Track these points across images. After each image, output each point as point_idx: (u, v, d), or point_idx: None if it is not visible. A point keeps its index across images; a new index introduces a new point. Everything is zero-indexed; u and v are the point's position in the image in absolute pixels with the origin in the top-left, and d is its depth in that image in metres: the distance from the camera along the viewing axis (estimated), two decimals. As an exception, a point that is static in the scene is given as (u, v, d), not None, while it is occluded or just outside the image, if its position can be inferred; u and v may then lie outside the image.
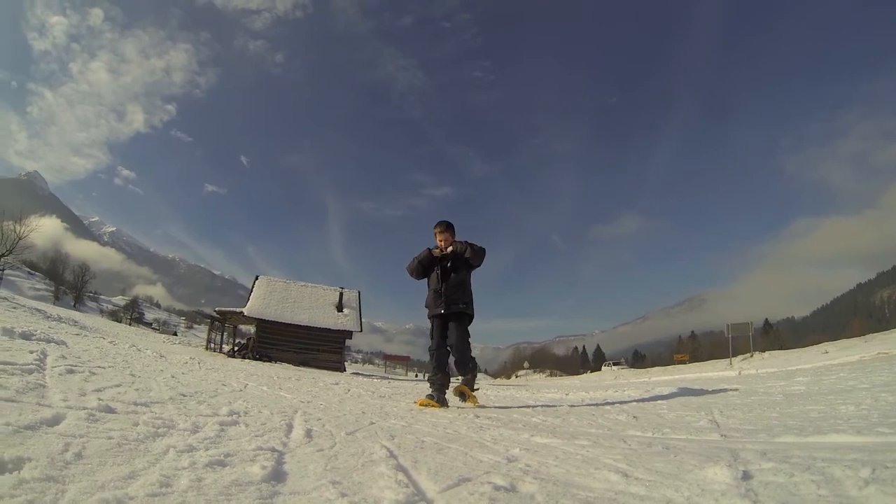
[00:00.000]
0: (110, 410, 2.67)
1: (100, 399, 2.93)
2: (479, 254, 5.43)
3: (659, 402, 6.59)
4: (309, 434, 2.63)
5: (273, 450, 2.10)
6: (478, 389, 5.97)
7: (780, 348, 27.84)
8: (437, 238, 5.65)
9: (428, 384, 5.54)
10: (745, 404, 5.61)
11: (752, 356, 22.07)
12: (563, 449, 2.69)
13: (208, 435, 2.30)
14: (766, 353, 24.00)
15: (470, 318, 5.57)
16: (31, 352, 4.78)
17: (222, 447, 2.09)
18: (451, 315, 5.46)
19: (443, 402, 5.29)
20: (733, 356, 21.26)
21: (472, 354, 5.55)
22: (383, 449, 2.34)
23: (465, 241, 5.49)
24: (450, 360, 5.62)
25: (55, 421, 2.27)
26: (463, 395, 5.56)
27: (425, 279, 5.77)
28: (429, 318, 5.71)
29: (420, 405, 5.14)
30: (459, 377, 5.69)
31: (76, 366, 4.42)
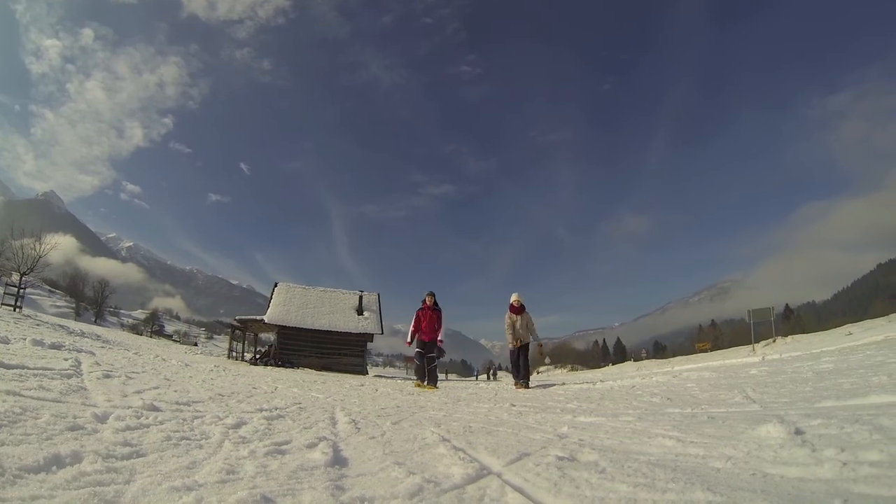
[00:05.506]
0: (155, 409, 2.73)
1: (142, 399, 3.00)
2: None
3: (688, 385, 6.60)
4: (356, 425, 2.68)
5: (325, 439, 2.14)
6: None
7: (803, 332, 27.37)
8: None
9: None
10: (776, 382, 5.56)
11: (774, 341, 21.70)
12: (610, 425, 2.82)
13: (258, 428, 2.35)
14: (789, 338, 23.55)
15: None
16: (66, 359, 4.89)
17: (275, 438, 2.13)
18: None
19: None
20: (756, 342, 20.92)
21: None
22: (434, 434, 2.37)
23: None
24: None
25: (104, 418, 2.32)
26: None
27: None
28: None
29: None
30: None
31: (111, 371, 4.51)
